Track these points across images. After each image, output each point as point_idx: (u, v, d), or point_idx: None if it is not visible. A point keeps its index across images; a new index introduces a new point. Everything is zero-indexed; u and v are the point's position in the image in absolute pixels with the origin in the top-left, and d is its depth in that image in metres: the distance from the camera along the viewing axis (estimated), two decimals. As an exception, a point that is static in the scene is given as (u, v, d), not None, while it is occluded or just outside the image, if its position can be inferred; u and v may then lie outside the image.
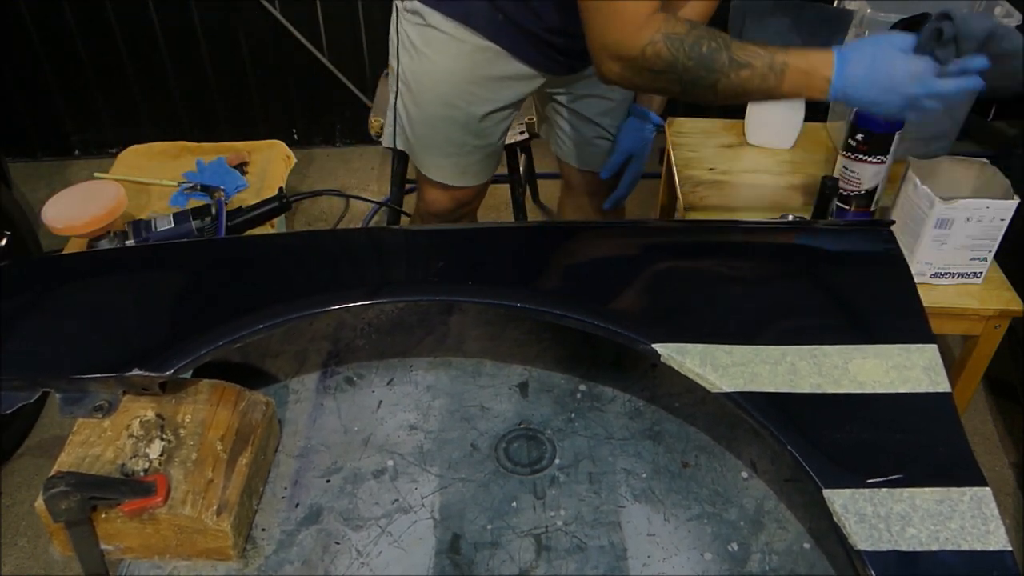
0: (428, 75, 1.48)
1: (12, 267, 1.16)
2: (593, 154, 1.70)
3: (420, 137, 1.57)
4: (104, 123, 2.91)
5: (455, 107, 1.49)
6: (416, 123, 1.55)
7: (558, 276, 1.09)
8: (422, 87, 1.50)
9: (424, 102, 1.51)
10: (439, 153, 1.57)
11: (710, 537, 0.95)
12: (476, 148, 1.56)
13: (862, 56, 1.09)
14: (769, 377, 0.92)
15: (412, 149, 1.60)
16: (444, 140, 1.54)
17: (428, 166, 1.60)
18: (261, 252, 1.17)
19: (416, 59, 1.48)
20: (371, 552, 0.94)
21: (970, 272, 1.47)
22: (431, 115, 1.52)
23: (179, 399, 0.99)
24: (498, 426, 1.09)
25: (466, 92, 1.47)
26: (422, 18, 1.43)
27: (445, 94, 1.48)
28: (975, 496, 0.82)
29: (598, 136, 1.67)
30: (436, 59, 1.45)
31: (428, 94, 1.50)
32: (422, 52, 1.46)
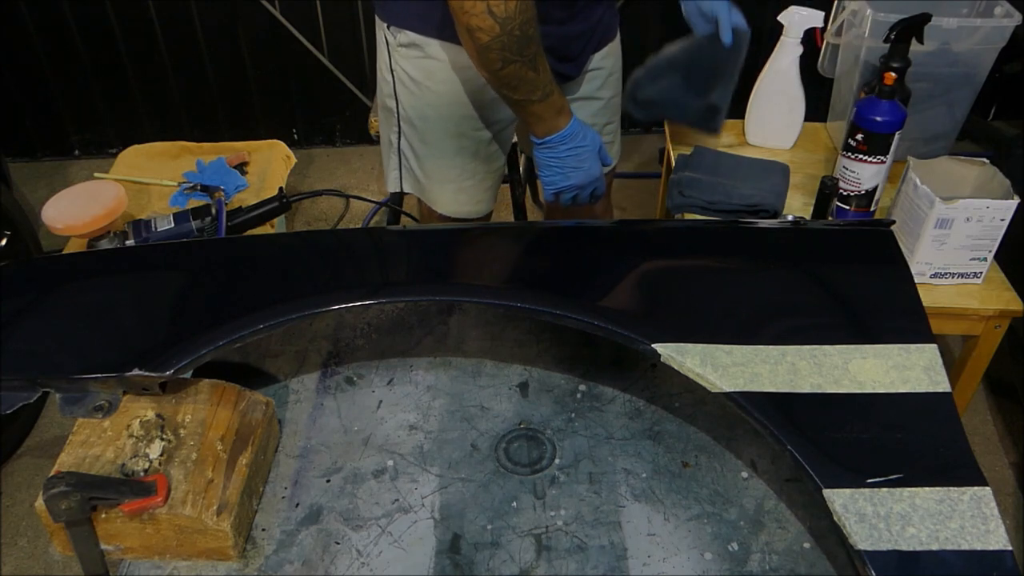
0: (433, 108, 1.44)
1: (12, 267, 1.16)
2: None
3: (431, 174, 1.52)
4: (104, 123, 2.91)
5: (465, 136, 1.46)
6: (425, 160, 1.51)
7: (558, 276, 1.09)
8: (428, 122, 1.46)
9: (433, 138, 1.47)
10: (455, 187, 1.53)
11: (710, 537, 0.95)
12: (487, 174, 1.54)
13: (577, 137, 1.32)
14: (769, 377, 0.92)
15: (423, 189, 1.55)
16: (459, 173, 1.51)
17: (444, 203, 1.56)
18: (261, 252, 1.17)
19: (418, 94, 1.44)
20: (371, 552, 0.94)
21: (970, 272, 1.47)
22: (443, 149, 1.48)
23: (179, 399, 0.99)
24: (498, 426, 1.09)
25: (473, 118, 1.44)
26: (420, 50, 1.39)
27: (455, 125, 1.45)
28: (975, 496, 0.82)
29: None
30: (440, 90, 1.41)
31: (436, 128, 1.46)
32: (424, 86, 1.42)
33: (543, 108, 1.27)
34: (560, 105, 1.28)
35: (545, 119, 1.28)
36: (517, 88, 1.23)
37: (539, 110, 1.27)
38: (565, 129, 1.30)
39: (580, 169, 1.34)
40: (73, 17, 2.66)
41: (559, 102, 1.28)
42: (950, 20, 1.61)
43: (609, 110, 1.63)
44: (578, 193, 1.38)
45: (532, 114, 1.28)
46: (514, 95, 1.25)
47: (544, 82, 1.23)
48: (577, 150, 1.33)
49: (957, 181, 1.49)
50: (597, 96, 1.59)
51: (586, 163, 1.34)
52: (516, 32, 1.16)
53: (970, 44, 1.65)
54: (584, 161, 1.34)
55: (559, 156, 1.33)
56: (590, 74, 1.53)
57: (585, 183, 1.36)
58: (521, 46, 1.17)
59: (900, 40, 1.53)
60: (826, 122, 1.97)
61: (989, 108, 2.92)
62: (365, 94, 2.88)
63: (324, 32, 2.77)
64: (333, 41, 2.80)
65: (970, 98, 1.74)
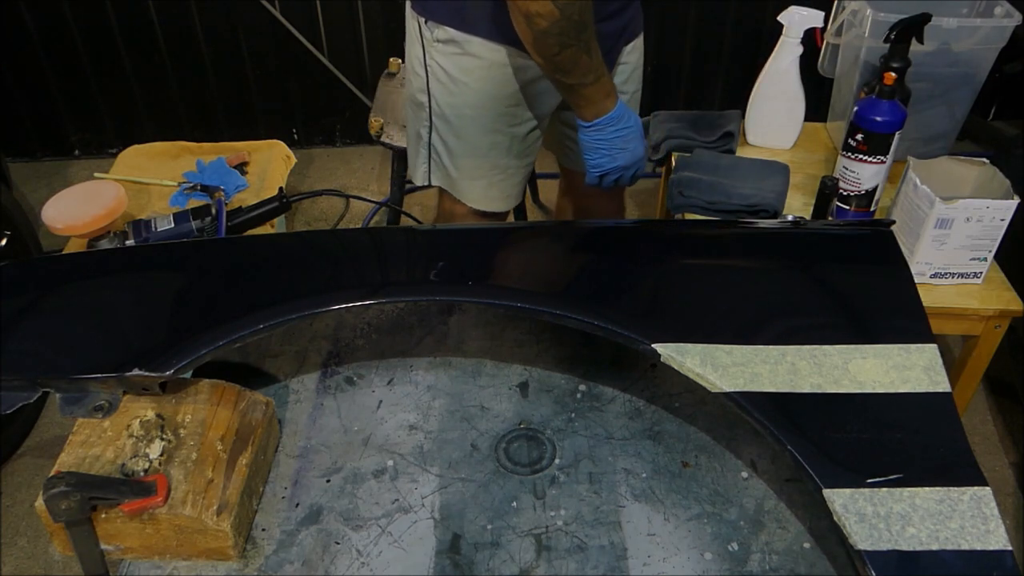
0: (469, 105, 1.43)
1: (12, 267, 1.16)
2: None
3: (464, 170, 1.52)
4: (104, 123, 2.91)
5: (500, 132, 1.46)
6: (459, 156, 1.51)
7: (558, 276, 1.09)
8: (463, 118, 1.45)
9: (467, 134, 1.47)
10: (486, 183, 1.53)
11: (710, 537, 0.95)
12: (518, 169, 1.54)
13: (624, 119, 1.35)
14: (769, 377, 0.92)
15: (454, 183, 1.55)
16: (491, 168, 1.51)
17: (475, 198, 1.56)
18: (261, 252, 1.17)
19: (454, 91, 1.43)
20: (371, 552, 0.94)
21: (970, 272, 1.47)
22: (476, 145, 1.48)
23: (179, 399, 0.99)
24: (498, 426, 1.09)
25: (509, 115, 1.45)
26: (459, 47, 1.38)
27: (491, 122, 1.45)
28: (975, 496, 0.82)
29: None
30: (477, 87, 1.41)
31: (471, 125, 1.46)
32: (460, 82, 1.41)
33: (594, 91, 1.29)
34: (609, 88, 1.31)
35: (595, 102, 1.31)
36: (571, 72, 1.25)
37: (590, 93, 1.29)
38: (613, 111, 1.32)
39: (627, 150, 1.37)
40: (73, 17, 2.66)
41: (608, 85, 1.31)
42: (950, 20, 1.61)
43: (632, 104, 1.62)
44: (622, 175, 1.40)
45: (583, 97, 1.30)
46: (567, 79, 1.27)
47: (596, 65, 1.26)
48: (624, 131, 1.35)
49: (957, 181, 1.49)
50: (622, 90, 1.57)
51: (632, 143, 1.37)
52: (575, 17, 1.18)
53: (970, 44, 1.65)
54: (630, 142, 1.36)
55: (607, 138, 1.34)
56: (617, 68, 1.54)
57: (630, 164, 1.39)
58: (578, 31, 1.20)
59: (900, 40, 1.53)
60: (826, 122, 1.97)
61: (989, 108, 2.92)
62: (365, 94, 2.88)
63: (324, 32, 2.77)
64: (333, 41, 2.79)
65: (970, 98, 1.74)
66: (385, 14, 2.75)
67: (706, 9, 2.75)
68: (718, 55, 2.86)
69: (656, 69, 2.90)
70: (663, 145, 1.86)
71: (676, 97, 2.97)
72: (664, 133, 1.86)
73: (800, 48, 1.76)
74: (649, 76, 2.92)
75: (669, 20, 2.79)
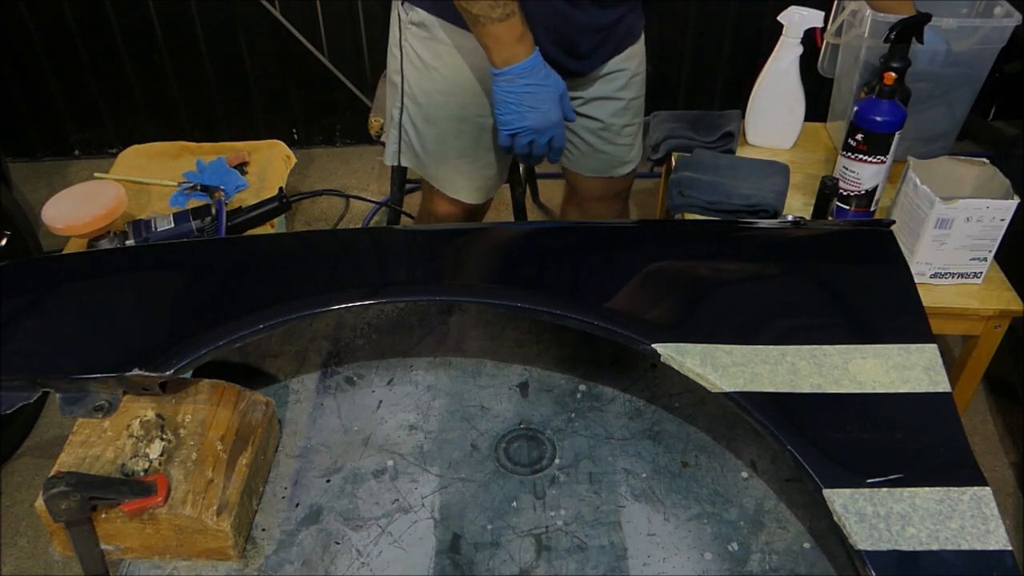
0: (439, 90, 1.44)
1: (12, 267, 1.16)
2: (604, 160, 1.67)
3: (432, 154, 1.53)
4: (104, 123, 2.91)
5: (468, 120, 1.46)
6: (427, 139, 1.52)
7: (558, 276, 1.09)
8: (433, 102, 1.46)
9: (436, 118, 1.48)
10: (453, 169, 1.54)
11: (710, 537, 0.95)
12: (488, 163, 1.54)
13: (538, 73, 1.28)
14: (769, 377, 0.92)
15: (423, 165, 1.56)
16: (457, 154, 1.51)
17: (442, 182, 1.57)
18: (261, 252, 1.17)
19: (424, 73, 1.44)
20: (371, 552, 0.94)
21: (970, 272, 1.47)
22: (444, 130, 1.49)
23: (179, 399, 0.99)
24: (498, 426, 1.09)
25: (478, 104, 1.44)
26: (428, 31, 1.40)
27: (458, 108, 1.45)
28: (975, 496, 0.82)
29: (609, 141, 1.64)
30: (446, 72, 1.42)
31: (439, 109, 1.46)
32: (431, 66, 1.42)
33: (503, 30, 1.23)
34: (520, 32, 1.24)
35: (504, 43, 1.24)
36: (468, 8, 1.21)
37: (499, 32, 1.23)
38: (525, 61, 1.26)
39: (537, 110, 1.29)
40: (73, 17, 2.66)
41: (519, 28, 1.24)
42: (950, 20, 1.61)
43: (630, 111, 1.62)
44: (535, 139, 1.33)
45: (491, 36, 1.24)
46: (472, 8, 1.22)
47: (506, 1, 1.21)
48: (536, 88, 1.28)
49: (957, 181, 1.49)
50: (617, 96, 1.58)
51: (544, 104, 1.29)
52: None
53: (970, 44, 1.65)
54: (543, 102, 1.29)
55: (517, 91, 1.27)
56: (612, 75, 1.53)
57: (543, 127, 1.31)
58: None
59: (900, 40, 1.53)
60: (826, 122, 1.97)
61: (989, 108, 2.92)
62: (365, 94, 2.88)
63: (324, 32, 2.77)
64: (333, 41, 2.79)
65: (970, 98, 1.74)
66: (385, 14, 2.74)
67: (706, 9, 2.75)
68: (718, 55, 2.86)
69: (656, 69, 2.89)
70: (663, 145, 1.86)
71: (676, 97, 2.97)
72: (664, 133, 1.87)
73: (800, 48, 1.76)
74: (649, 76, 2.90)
75: (669, 20, 2.79)
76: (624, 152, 1.67)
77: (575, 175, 1.74)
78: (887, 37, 1.53)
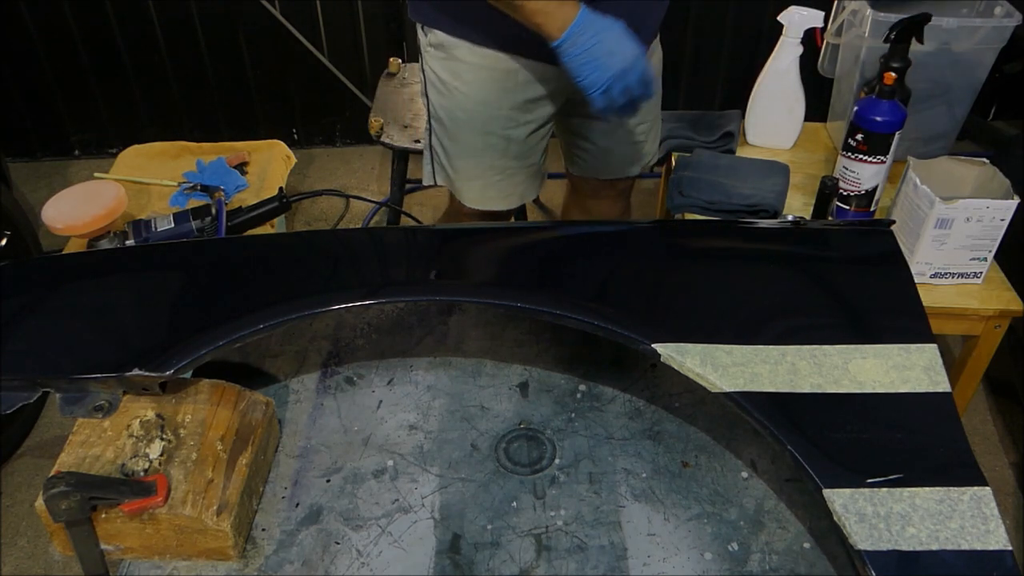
0: (461, 109, 1.44)
1: (12, 267, 1.16)
2: (613, 162, 1.66)
3: (461, 171, 1.53)
4: (104, 123, 2.91)
5: (493, 135, 1.46)
6: (455, 157, 1.52)
7: (558, 276, 1.09)
8: (456, 122, 1.47)
9: (461, 136, 1.48)
10: (483, 183, 1.54)
11: (710, 537, 0.95)
12: (519, 169, 1.53)
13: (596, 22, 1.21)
14: (769, 377, 0.92)
15: (453, 183, 1.57)
16: (487, 169, 1.51)
17: (473, 198, 1.56)
18: (261, 252, 1.17)
19: (446, 95, 1.44)
20: (371, 552, 0.94)
21: (970, 272, 1.47)
22: (470, 147, 1.49)
23: (179, 399, 0.99)
24: (498, 426, 1.09)
25: (503, 119, 1.44)
26: (446, 51, 1.40)
27: (482, 125, 1.45)
28: (975, 496, 0.82)
29: (621, 140, 1.63)
30: (467, 91, 1.42)
31: (464, 128, 1.47)
32: (451, 86, 1.43)
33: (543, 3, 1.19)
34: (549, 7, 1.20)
35: (551, 12, 1.20)
36: None
37: (540, 6, 1.19)
38: (579, 16, 1.20)
39: (615, 54, 1.21)
40: (73, 17, 2.66)
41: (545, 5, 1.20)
42: (950, 20, 1.61)
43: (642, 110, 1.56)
44: (627, 85, 1.24)
45: (535, 12, 1.20)
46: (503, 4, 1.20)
47: None
48: (602, 35, 1.21)
49: (957, 181, 1.49)
50: None
51: (618, 45, 1.21)
52: None
53: (970, 44, 1.65)
54: (616, 43, 1.21)
55: (587, 48, 1.21)
56: None
57: (628, 66, 1.22)
58: None
59: (900, 40, 1.53)
60: (826, 122, 1.97)
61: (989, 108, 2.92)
62: (365, 94, 2.88)
63: (324, 32, 2.77)
64: (333, 41, 2.79)
65: (970, 98, 1.74)
66: (385, 14, 2.75)
67: (706, 9, 2.75)
68: (718, 55, 2.85)
69: (656, 69, 2.90)
70: (663, 145, 1.86)
71: (676, 97, 2.97)
72: (664, 133, 1.87)
73: (800, 48, 1.76)
74: (649, 76, 2.92)
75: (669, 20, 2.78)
76: (635, 150, 1.65)
77: (580, 179, 1.73)
78: (887, 37, 1.54)
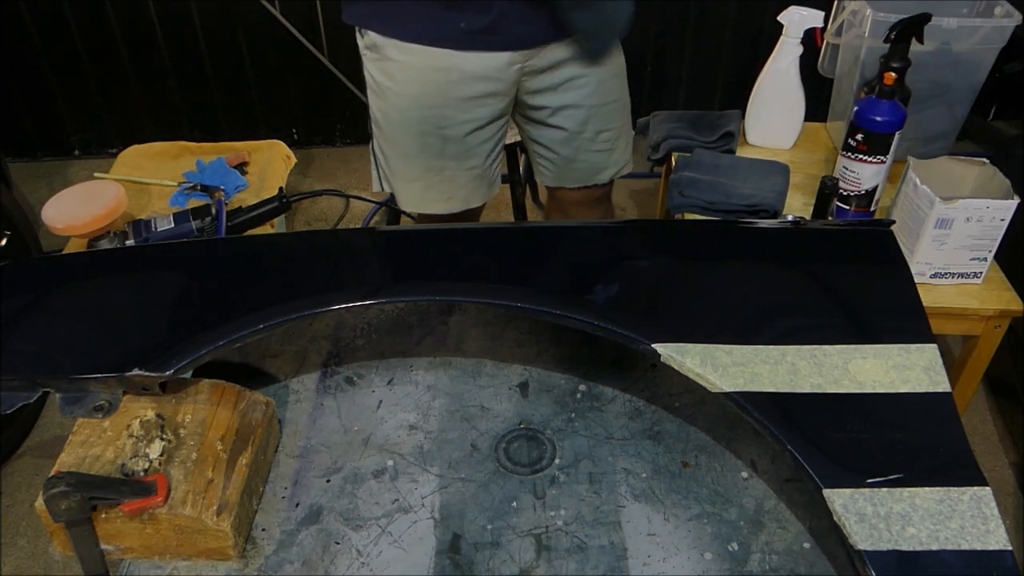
0: (395, 110, 1.45)
1: (12, 267, 1.16)
2: (581, 169, 1.63)
3: (397, 173, 1.54)
4: (104, 123, 2.91)
5: (429, 134, 1.46)
6: (392, 160, 1.52)
7: (558, 276, 1.09)
8: (392, 123, 1.48)
9: (396, 138, 1.49)
10: (421, 184, 1.53)
11: (710, 537, 0.95)
12: (459, 171, 1.51)
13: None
14: (769, 377, 0.92)
15: (392, 186, 1.57)
16: (425, 171, 1.51)
17: (410, 201, 1.56)
18: (261, 252, 1.17)
19: (381, 96, 1.46)
20: (371, 552, 0.94)
21: (970, 272, 1.47)
22: (406, 148, 1.49)
23: (179, 399, 0.99)
24: (498, 426, 1.09)
25: (437, 117, 1.44)
26: (379, 52, 1.41)
27: (416, 125, 1.45)
28: (975, 496, 0.82)
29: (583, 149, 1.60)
30: (400, 91, 1.42)
31: (398, 129, 1.47)
32: (385, 87, 1.44)
33: None
34: None
35: None
36: None
37: None
38: None
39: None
40: (73, 17, 2.66)
41: None
42: (950, 20, 1.61)
43: (601, 117, 1.56)
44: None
45: None
46: None
47: None
48: None
49: (957, 181, 1.49)
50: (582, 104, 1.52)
51: None
52: None
53: (970, 44, 1.65)
54: None
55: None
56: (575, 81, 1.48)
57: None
58: None
59: (900, 40, 1.53)
60: (826, 122, 1.97)
61: (989, 108, 2.92)
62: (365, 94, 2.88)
63: (324, 32, 2.77)
64: (333, 41, 2.79)
65: (970, 98, 1.74)
66: (385, 14, 2.75)
67: (706, 9, 2.75)
68: (718, 55, 2.86)
69: (656, 69, 2.90)
70: (663, 145, 1.86)
71: (676, 97, 2.97)
72: (664, 133, 1.87)
73: (800, 48, 1.76)
74: (649, 76, 2.92)
75: (669, 20, 2.79)
76: (602, 158, 1.62)
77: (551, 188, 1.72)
78: (887, 37, 1.54)
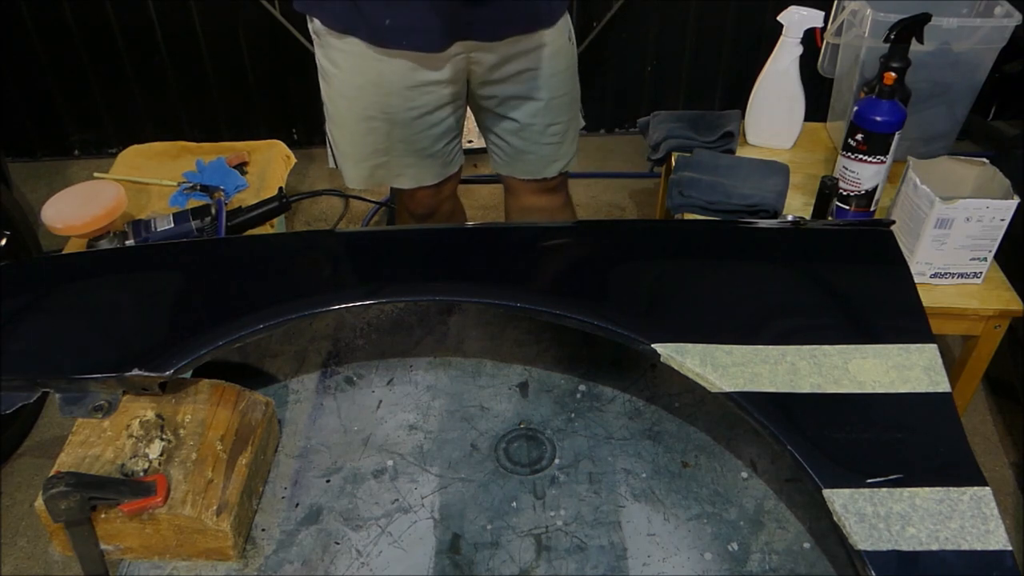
0: (341, 96, 1.49)
1: (12, 267, 1.16)
2: (531, 161, 1.64)
3: (347, 155, 1.59)
4: (104, 123, 2.91)
5: (375, 119, 1.49)
6: (340, 142, 1.57)
7: (558, 276, 1.09)
8: (338, 108, 1.51)
9: (343, 121, 1.53)
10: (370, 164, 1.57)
11: (710, 537, 0.95)
12: (407, 152, 1.55)
13: None
14: (769, 377, 0.92)
15: (340, 167, 1.62)
16: (371, 152, 1.55)
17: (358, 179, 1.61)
18: (261, 252, 1.17)
19: (328, 82, 1.50)
20: (371, 552, 0.94)
21: (970, 272, 1.47)
22: (353, 132, 1.53)
23: (179, 399, 0.99)
24: (498, 426, 1.09)
25: (382, 104, 1.47)
26: (322, 40, 1.45)
27: (362, 110, 1.49)
28: (975, 496, 0.82)
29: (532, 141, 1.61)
30: (344, 78, 1.46)
31: (345, 114, 1.51)
32: (331, 73, 1.47)
33: None
34: None
35: None
36: None
37: None
38: None
39: None
40: (73, 17, 2.66)
41: None
42: (950, 20, 1.61)
43: (552, 110, 1.57)
44: None
45: None
46: None
47: None
48: None
49: (957, 181, 1.49)
50: (534, 96, 1.54)
51: None
52: None
53: (970, 44, 1.65)
54: None
55: None
56: (526, 73, 1.50)
57: None
58: None
59: (900, 40, 1.53)
60: (826, 122, 1.97)
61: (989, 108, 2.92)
62: (365, 94, 2.88)
63: (324, 32, 2.77)
64: (333, 41, 2.79)
65: (970, 98, 1.74)
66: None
67: (706, 9, 2.75)
68: (718, 55, 2.86)
69: (656, 69, 2.90)
70: (663, 145, 1.86)
71: (676, 97, 2.97)
72: (664, 133, 1.87)
73: (800, 48, 1.76)
74: (649, 76, 2.92)
75: (669, 20, 2.79)
76: (551, 151, 1.63)
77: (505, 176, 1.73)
78: (887, 37, 1.54)
